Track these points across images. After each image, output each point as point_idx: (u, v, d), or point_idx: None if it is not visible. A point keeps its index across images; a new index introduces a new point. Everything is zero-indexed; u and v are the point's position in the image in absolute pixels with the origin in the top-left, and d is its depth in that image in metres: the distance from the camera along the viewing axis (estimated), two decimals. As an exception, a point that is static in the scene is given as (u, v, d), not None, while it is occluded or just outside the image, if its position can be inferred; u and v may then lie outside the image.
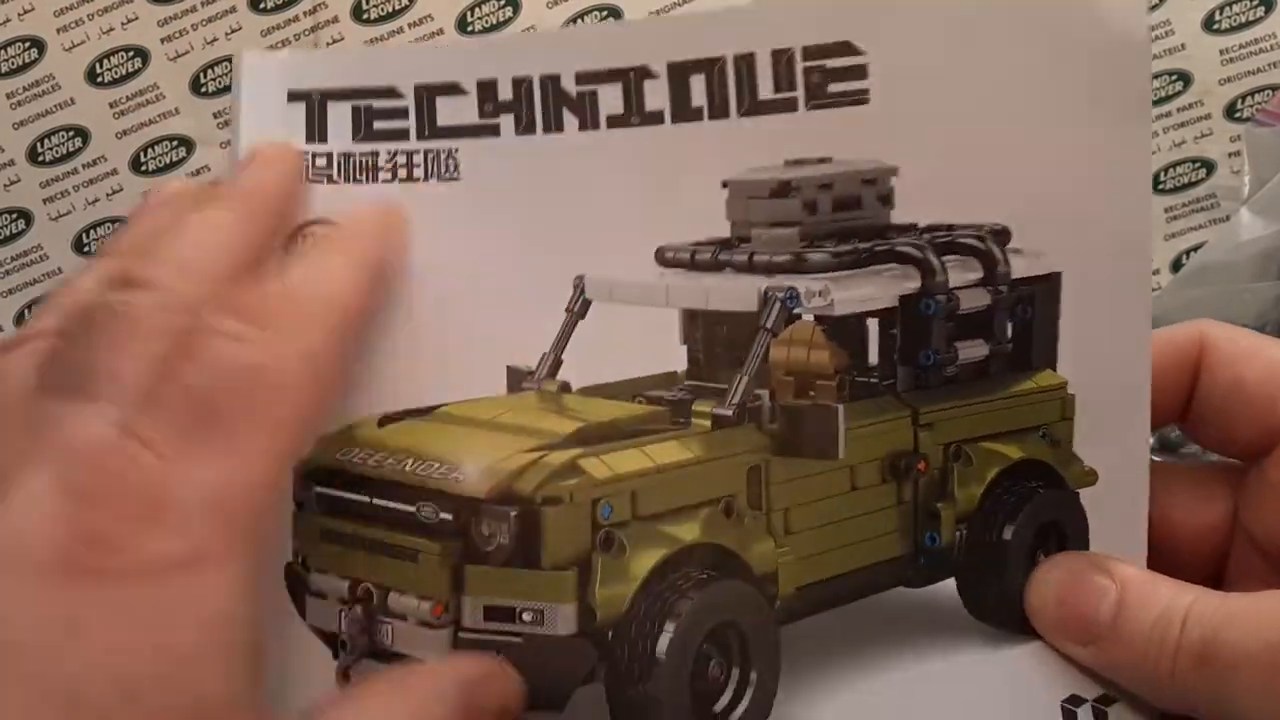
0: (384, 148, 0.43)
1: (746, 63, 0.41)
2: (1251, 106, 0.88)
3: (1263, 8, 0.88)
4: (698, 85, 0.41)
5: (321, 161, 0.43)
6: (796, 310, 0.43)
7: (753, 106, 0.41)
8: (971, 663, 0.43)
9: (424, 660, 0.39)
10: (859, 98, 0.41)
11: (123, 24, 0.91)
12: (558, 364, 0.45)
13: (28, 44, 0.91)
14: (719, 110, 0.41)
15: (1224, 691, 0.35)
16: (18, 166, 0.91)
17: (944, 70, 0.40)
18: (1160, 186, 0.90)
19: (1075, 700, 0.40)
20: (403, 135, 0.43)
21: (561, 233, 0.43)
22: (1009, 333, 0.46)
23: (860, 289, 0.44)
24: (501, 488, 0.39)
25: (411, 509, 0.40)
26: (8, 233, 0.92)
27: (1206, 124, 0.89)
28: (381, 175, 0.43)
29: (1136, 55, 0.39)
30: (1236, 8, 0.89)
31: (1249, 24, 0.88)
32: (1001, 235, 0.44)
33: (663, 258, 0.44)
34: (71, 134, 0.92)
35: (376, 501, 0.41)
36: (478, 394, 0.44)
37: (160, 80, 0.89)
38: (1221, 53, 0.89)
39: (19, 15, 0.91)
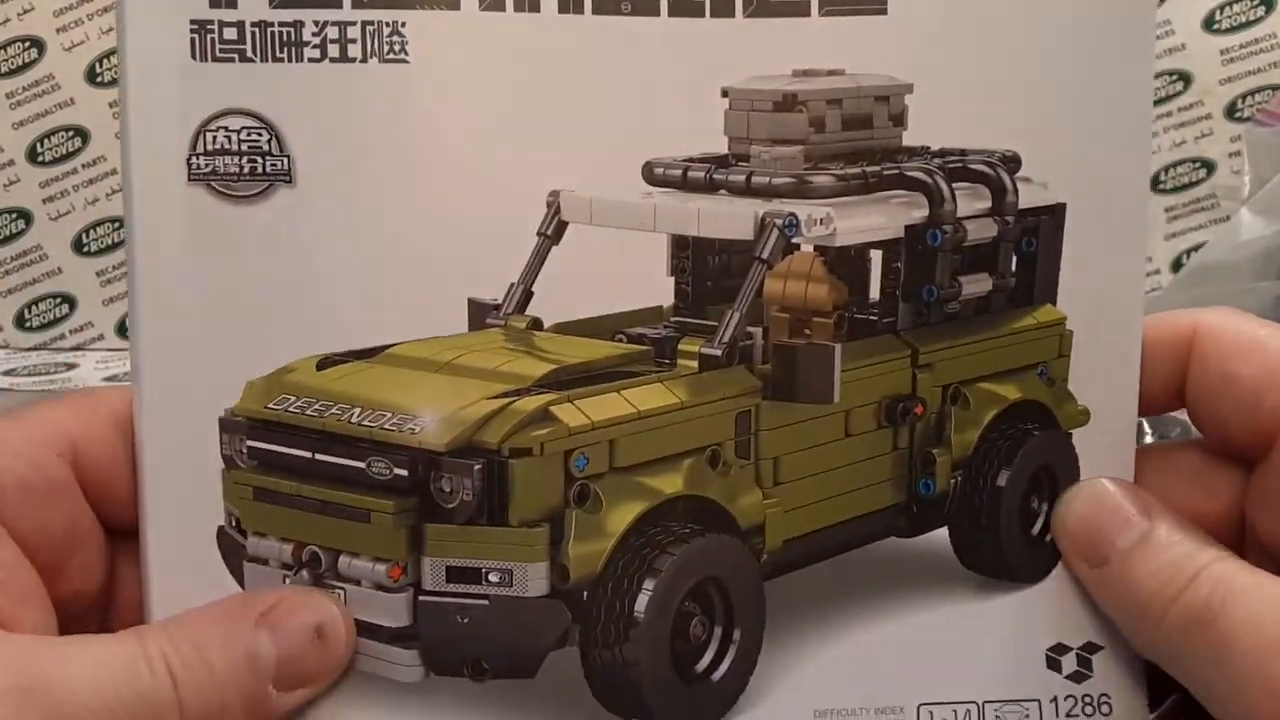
0: (310, 16, 0.37)
1: None
2: (1251, 106, 0.90)
3: (1263, 8, 0.90)
4: None
5: (230, 34, 0.37)
6: (796, 239, 0.40)
7: (761, 7, 0.37)
8: (960, 613, 0.42)
9: (377, 625, 0.37)
10: (877, 6, 0.38)
11: (123, 24, 0.93)
12: (527, 296, 0.42)
13: (28, 44, 0.93)
14: (723, 7, 0.37)
15: (1209, 657, 0.35)
16: (18, 166, 0.94)
17: None
18: (1160, 186, 0.93)
19: (1060, 649, 0.41)
20: (335, 1, 0.37)
21: (532, 138, 0.38)
22: (1013, 266, 0.45)
23: (865, 217, 0.41)
24: (463, 439, 0.36)
25: (361, 464, 0.36)
26: (8, 233, 0.95)
27: (1206, 124, 0.92)
28: (308, 53, 0.37)
29: None
30: (1236, 8, 0.91)
31: (1249, 24, 0.91)
32: (1012, 162, 0.43)
33: (651, 174, 0.40)
34: (71, 134, 0.94)
35: (319, 457, 0.37)
36: (432, 331, 0.40)
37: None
38: (1221, 53, 0.91)
39: (19, 15, 0.93)
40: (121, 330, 0.98)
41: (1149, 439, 0.65)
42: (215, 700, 0.33)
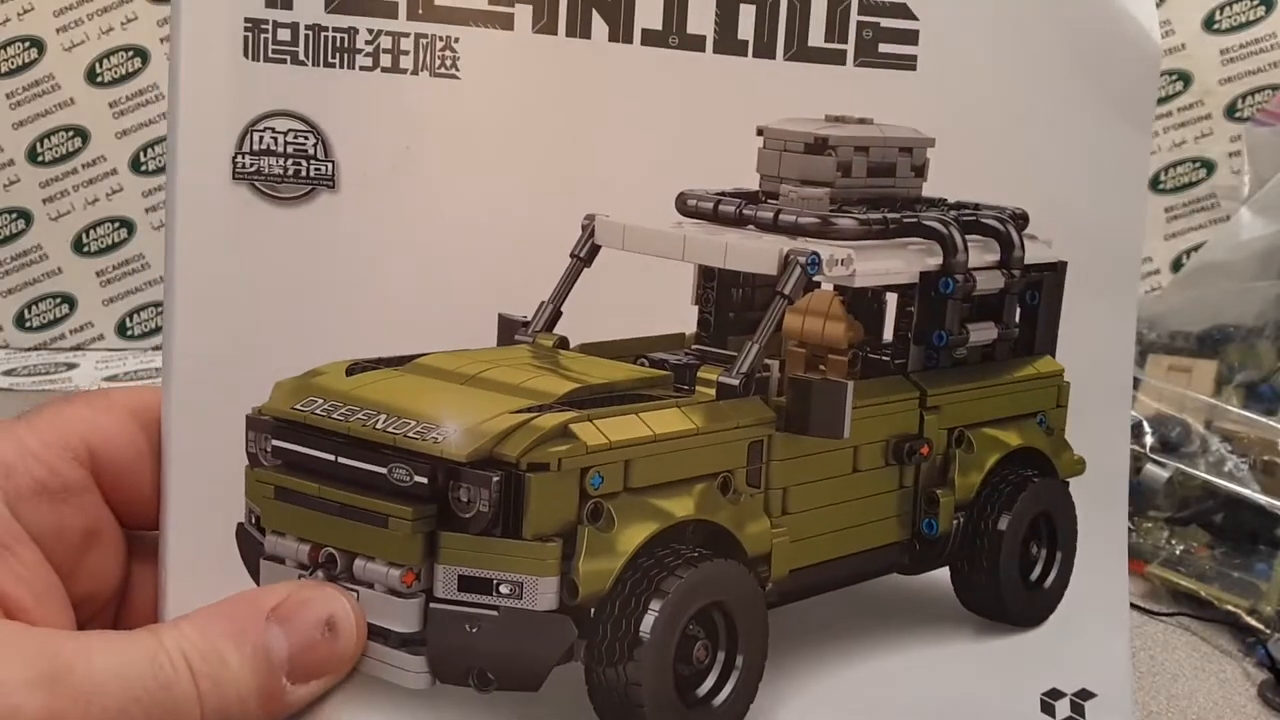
0: (365, 23, 0.37)
1: (801, 3, 0.38)
2: (1251, 106, 0.91)
3: (1263, 8, 0.91)
4: (746, 16, 0.38)
5: (284, 35, 0.37)
6: (817, 278, 0.41)
7: (800, 52, 0.39)
8: (958, 653, 0.43)
9: (387, 630, 0.37)
10: (907, 63, 0.40)
11: (122, 24, 0.93)
12: (556, 315, 0.42)
13: (28, 44, 0.94)
14: (765, 49, 0.39)
15: None
16: (18, 166, 0.95)
17: (986, 53, 0.41)
18: (1160, 186, 0.94)
19: (1055, 694, 0.41)
20: (390, 11, 0.37)
21: (573, 160, 0.39)
22: (1016, 317, 0.46)
23: (884, 261, 0.42)
24: (485, 451, 0.36)
25: (382, 470, 0.37)
26: (8, 233, 0.96)
27: (1206, 124, 0.93)
28: (360, 60, 0.37)
29: (1147, 66, 0.41)
30: (1236, 8, 0.92)
31: (1249, 24, 0.92)
32: (1021, 220, 0.45)
33: (684, 205, 0.42)
34: (71, 134, 0.95)
35: (342, 460, 0.37)
36: (462, 343, 0.40)
37: (160, 80, 0.91)
38: (1221, 53, 0.93)
39: (19, 15, 0.93)
40: (122, 330, 0.98)
41: (1149, 439, 0.66)
42: (232, 693, 0.33)
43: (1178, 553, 0.62)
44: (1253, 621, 0.56)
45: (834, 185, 0.42)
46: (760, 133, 0.41)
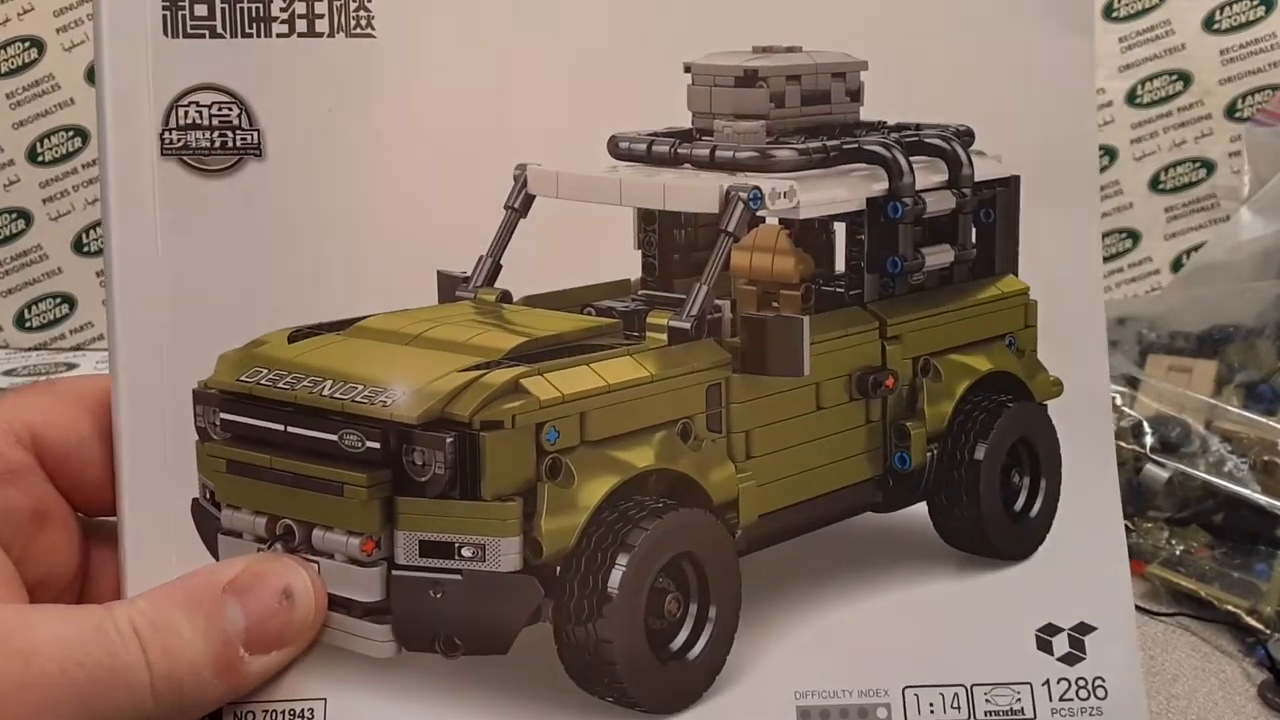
0: None
1: None
2: (1251, 106, 0.91)
3: (1263, 8, 0.92)
4: None
5: (201, 10, 0.39)
6: (760, 212, 0.41)
7: None
8: (943, 592, 0.43)
9: (350, 600, 0.37)
10: None
11: (122, 24, 0.95)
12: (496, 269, 0.43)
13: (28, 44, 0.94)
14: None
15: None
16: (18, 166, 0.96)
17: None
18: (1160, 186, 0.96)
19: (1050, 629, 0.41)
20: None
21: (498, 112, 0.40)
22: (973, 237, 0.46)
23: (827, 190, 0.43)
24: (435, 412, 0.37)
25: (333, 437, 0.38)
26: (8, 233, 0.97)
27: (1206, 124, 0.94)
28: (276, 29, 0.39)
29: None
30: (1236, 8, 0.92)
31: (1249, 24, 0.92)
32: (966, 137, 0.45)
33: (616, 149, 0.42)
34: (71, 134, 0.96)
35: (292, 430, 0.38)
36: (402, 304, 0.41)
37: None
38: (1221, 53, 0.94)
39: (19, 15, 0.94)
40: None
41: (1149, 439, 0.67)
42: (184, 662, 0.34)
43: (1178, 553, 0.63)
44: (1253, 622, 0.57)
45: (768, 117, 0.43)
46: (688, 69, 0.42)
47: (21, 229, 0.96)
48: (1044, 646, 0.40)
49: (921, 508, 0.46)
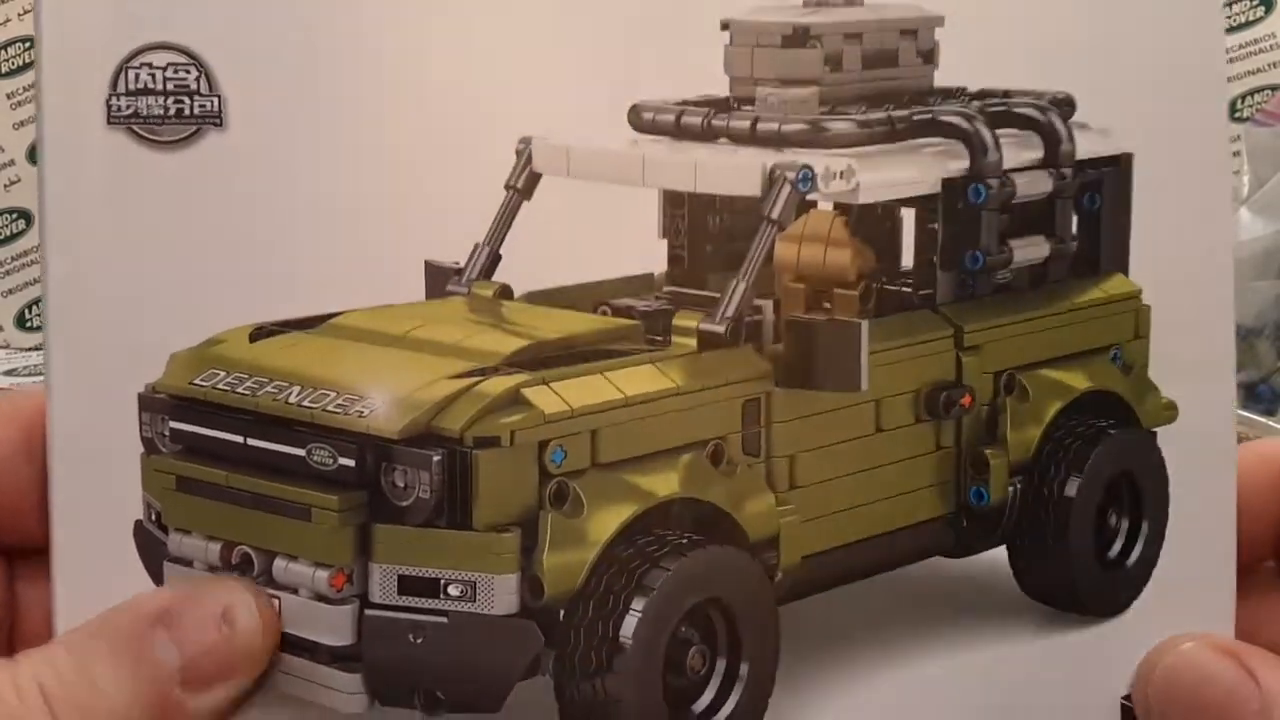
0: None
1: None
2: (1251, 106, 0.95)
3: (1262, 8, 0.96)
4: None
5: None
6: (812, 195, 0.38)
7: None
8: (1019, 652, 0.40)
9: (316, 643, 0.35)
10: None
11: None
12: (495, 260, 0.41)
13: (28, 44, 0.98)
14: None
15: None
16: (18, 166, 1.00)
17: None
18: None
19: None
20: None
21: (497, 74, 0.37)
22: (1073, 228, 0.43)
23: (893, 170, 0.40)
24: (420, 425, 0.34)
25: (300, 452, 0.35)
26: (8, 233, 1.01)
27: None
28: None
29: None
30: (1236, 8, 0.96)
31: (1249, 24, 0.96)
32: (1065, 106, 0.41)
33: (639, 120, 0.40)
34: None
35: (252, 442, 0.36)
36: (383, 298, 0.39)
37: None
38: None
39: (19, 15, 0.98)
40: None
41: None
42: (103, 716, 0.32)
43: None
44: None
45: (822, 82, 0.40)
46: (726, 27, 0.39)
47: (22, 229, 0.99)
48: (1130, 717, 0.37)
49: (999, 553, 0.43)
